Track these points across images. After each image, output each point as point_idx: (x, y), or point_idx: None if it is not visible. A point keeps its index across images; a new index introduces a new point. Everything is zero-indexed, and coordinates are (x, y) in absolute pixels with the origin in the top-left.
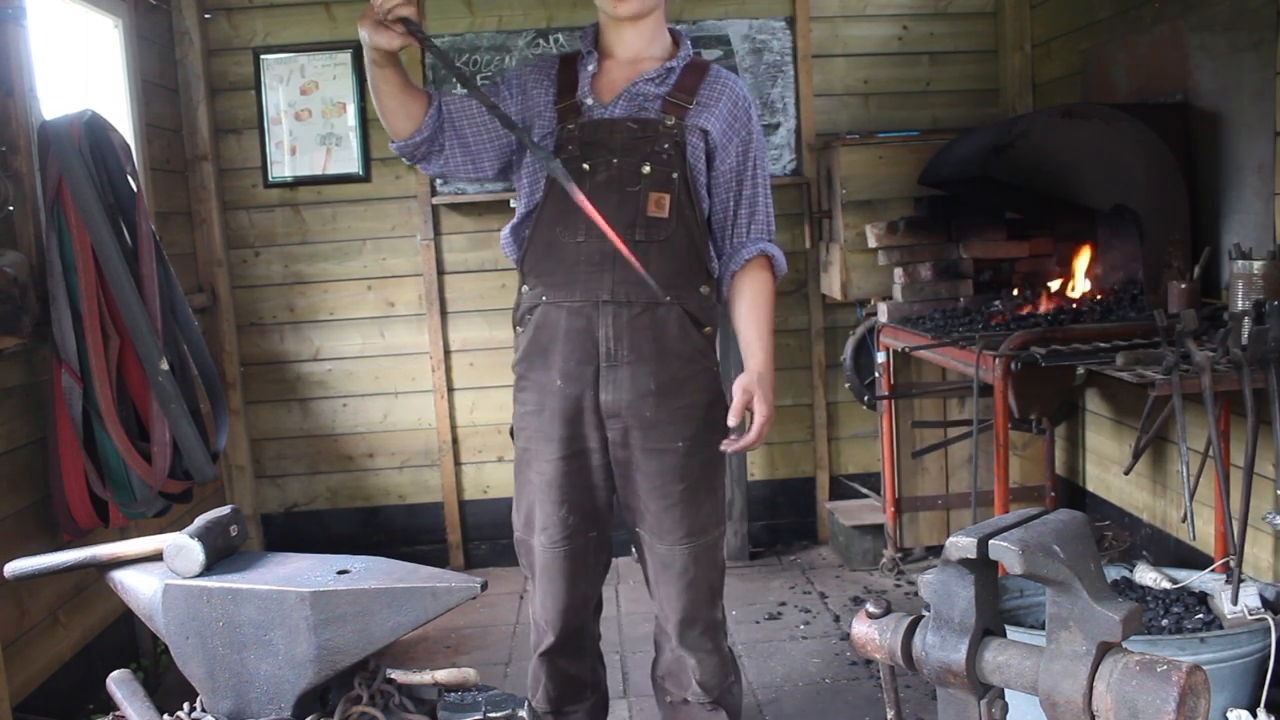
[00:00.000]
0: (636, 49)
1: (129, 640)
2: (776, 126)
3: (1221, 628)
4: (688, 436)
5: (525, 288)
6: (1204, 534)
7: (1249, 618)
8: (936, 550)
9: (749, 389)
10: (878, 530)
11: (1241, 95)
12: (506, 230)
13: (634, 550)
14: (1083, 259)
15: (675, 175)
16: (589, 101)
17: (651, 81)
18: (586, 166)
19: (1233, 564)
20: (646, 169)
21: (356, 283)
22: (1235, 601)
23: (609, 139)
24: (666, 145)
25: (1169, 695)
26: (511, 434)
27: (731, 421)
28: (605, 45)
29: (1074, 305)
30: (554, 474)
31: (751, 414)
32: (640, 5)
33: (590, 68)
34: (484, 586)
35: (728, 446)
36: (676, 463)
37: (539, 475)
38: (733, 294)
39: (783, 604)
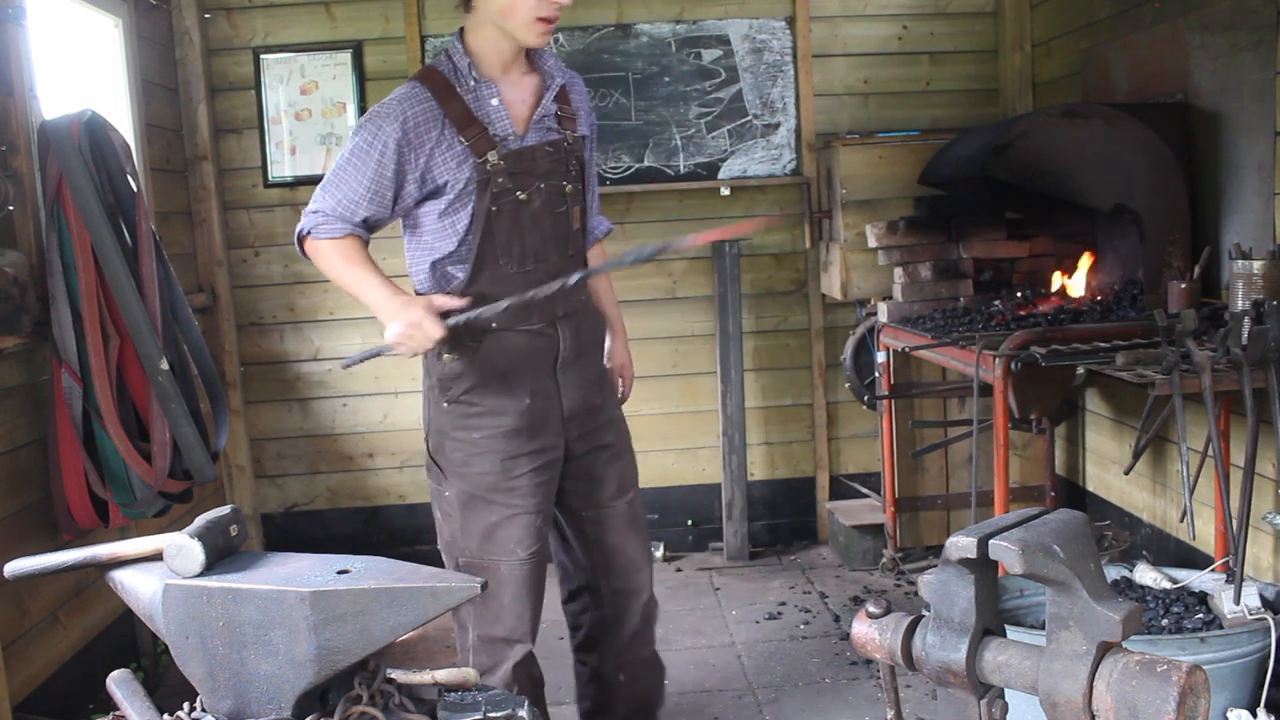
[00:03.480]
0: (515, 69)
1: (129, 640)
2: (776, 126)
3: (1221, 628)
4: (614, 402)
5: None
6: (1204, 534)
7: (1249, 618)
8: (936, 550)
9: (624, 362)
10: (878, 530)
11: (1241, 95)
12: (422, 267)
13: (577, 540)
14: (1083, 262)
15: (580, 188)
16: (509, 133)
17: (551, 103)
18: (522, 196)
19: (1233, 564)
20: (568, 188)
21: None
22: (1237, 601)
23: (534, 166)
24: (573, 161)
25: (1169, 695)
26: (434, 461)
27: (623, 395)
28: (488, 70)
29: (1074, 305)
30: (529, 487)
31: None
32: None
33: (495, 101)
34: (484, 586)
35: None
36: (621, 427)
37: (511, 494)
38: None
39: (783, 604)
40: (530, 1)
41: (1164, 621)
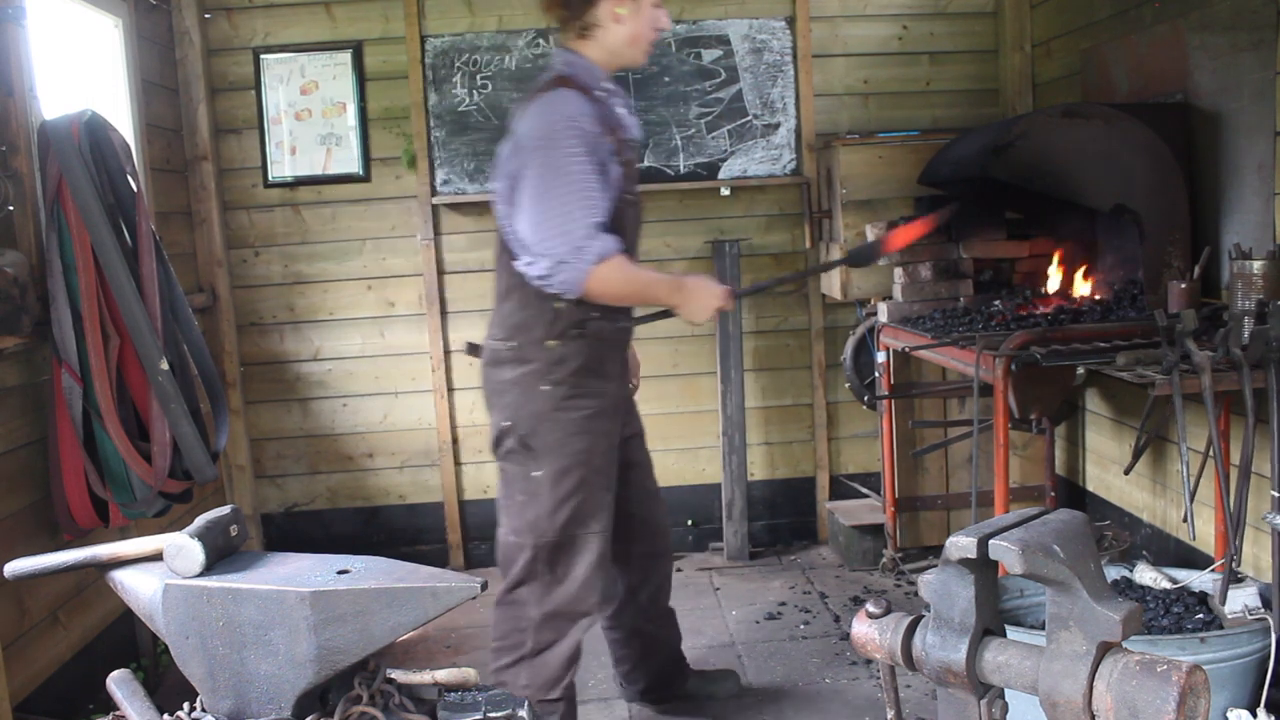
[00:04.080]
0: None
1: (129, 640)
2: (776, 126)
3: (1221, 628)
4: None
5: (561, 305)
6: (1204, 534)
7: (1249, 618)
8: (936, 550)
9: (634, 350)
10: (878, 530)
11: (1241, 95)
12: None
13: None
14: (1077, 263)
15: None
16: (631, 136)
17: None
18: (630, 196)
19: (1232, 564)
20: (639, 189)
21: (356, 283)
22: (1223, 602)
23: (636, 172)
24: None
25: (1169, 695)
26: (525, 445)
27: (634, 381)
28: (595, 80)
29: (1074, 305)
30: (609, 466)
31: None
32: None
33: (620, 110)
34: (484, 586)
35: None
36: (635, 409)
37: (598, 472)
38: None
39: (783, 604)
40: (649, 30)
41: (1164, 621)
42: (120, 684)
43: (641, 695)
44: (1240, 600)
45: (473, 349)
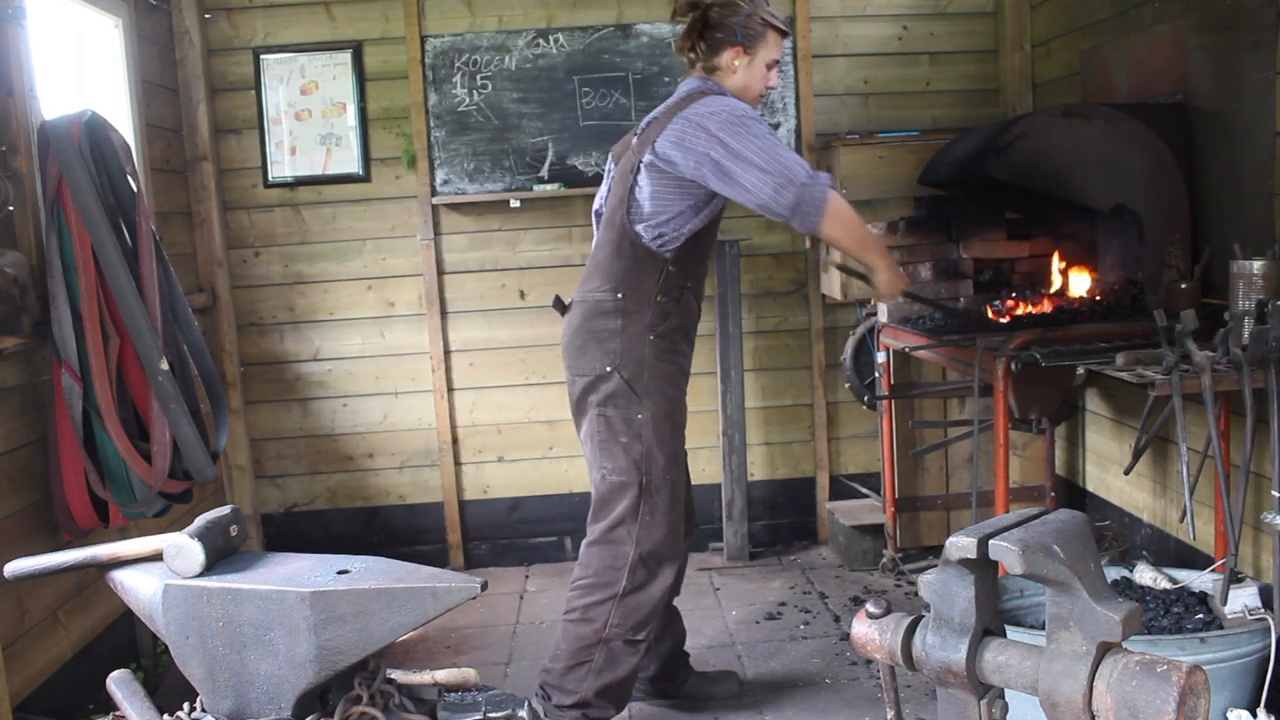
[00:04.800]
0: None
1: (129, 640)
2: (776, 127)
3: (1221, 628)
4: None
5: (673, 269)
6: (1204, 534)
7: (1249, 618)
8: (936, 550)
9: None
10: (878, 530)
11: (1241, 95)
12: (680, 226)
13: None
14: (1077, 263)
15: None
16: None
17: None
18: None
19: (1232, 564)
20: None
21: (356, 283)
22: (1224, 602)
23: None
24: None
25: (1169, 695)
26: (630, 388)
27: None
28: None
29: (1074, 305)
30: (684, 424)
31: None
32: None
33: None
34: (484, 586)
35: None
36: None
37: (681, 423)
38: None
39: (783, 604)
40: (759, 85)
41: (1164, 621)
42: (120, 684)
43: (650, 682)
44: (1240, 600)
45: (560, 304)
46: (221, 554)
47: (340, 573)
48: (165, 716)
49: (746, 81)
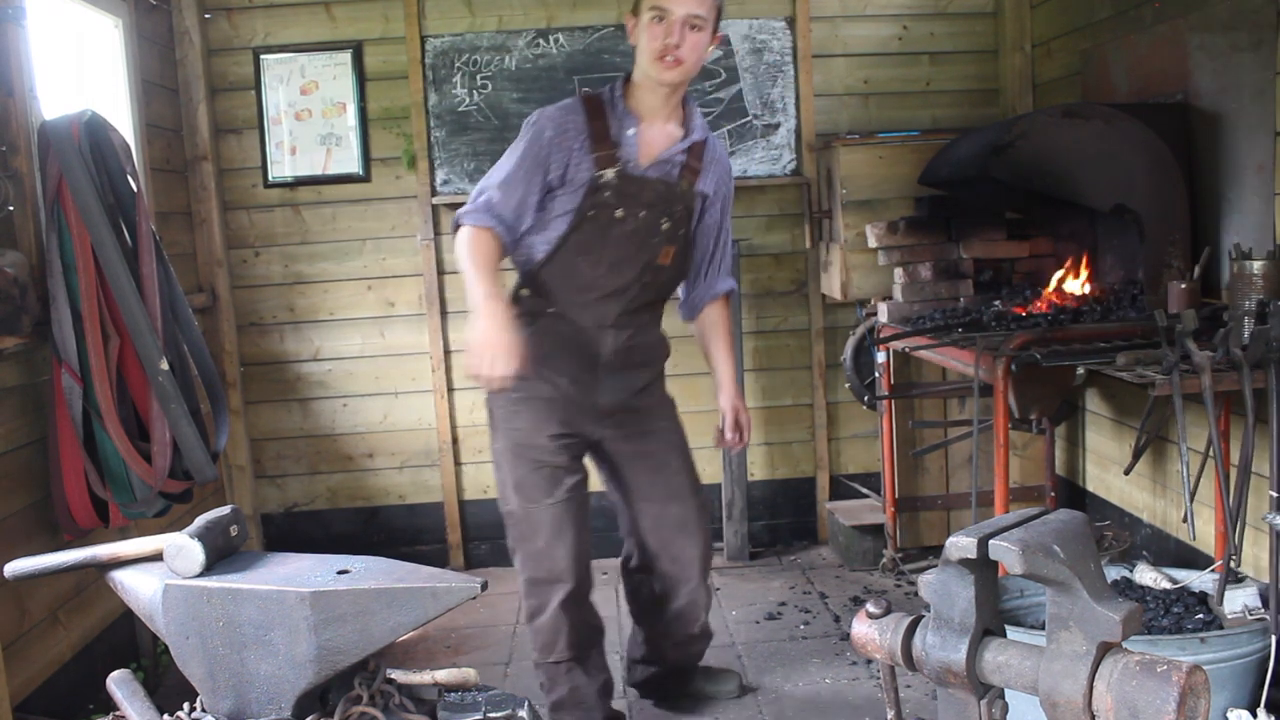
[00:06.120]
0: (661, 114)
1: (129, 640)
2: (776, 126)
3: (1221, 628)
4: (669, 417)
5: (526, 292)
6: (1204, 534)
7: (1249, 618)
8: (936, 550)
9: (735, 408)
10: (878, 530)
11: (1241, 95)
12: (531, 239)
13: (628, 541)
14: (1077, 263)
15: (682, 233)
16: (631, 159)
17: (680, 152)
18: (619, 214)
19: (1232, 564)
20: (665, 225)
21: (356, 283)
22: (1220, 602)
23: (640, 193)
24: (680, 206)
25: (1169, 695)
26: (489, 418)
27: (729, 434)
28: (635, 105)
29: (1074, 305)
30: (554, 448)
31: (737, 420)
32: (683, 75)
33: (630, 132)
34: (484, 586)
35: (732, 446)
36: (669, 439)
37: (538, 450)
38: (706, 322)
39: (783, 604)
40: (650, 45)
41: (1164, 621)
42: (120, 684)
43: (644, 682)
44: (1240, 600)
45: None
46: (221, 554)
47: (340, 573)
48: (165, 716)
49: (640, 44)
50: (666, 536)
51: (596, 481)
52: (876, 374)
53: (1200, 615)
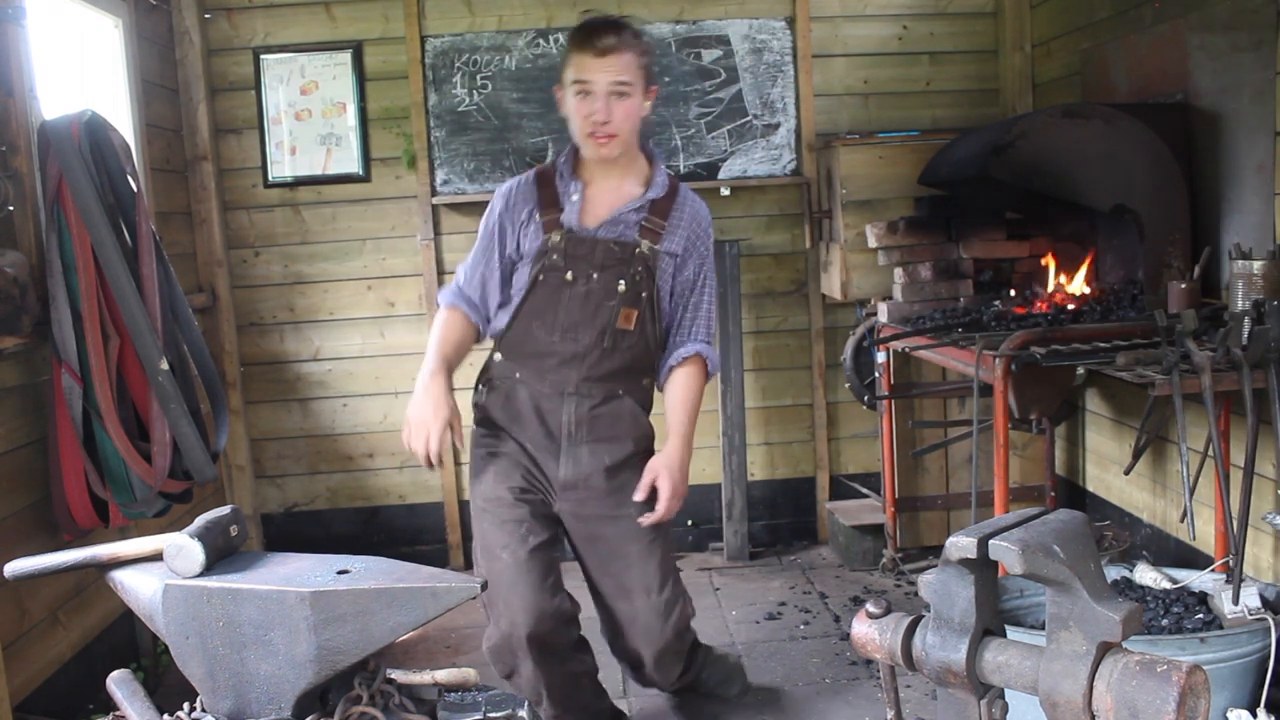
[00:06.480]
0: (614, 176)
1: (129, 640)
2: (776, 126)
3: (1221, 628)
4: (639, 506)
5: (499, 357)
6: (1204, 534)
7: (1249, 618)
8: (936, 550)
9: (655, 470)
10: (878, 530)
11: (1241, 95)
12: (501, 311)
13: (602, 615)
14: (1077, 263)
15: (644, 295)
16: (574, 223)
17: (633, 211)
18: (569, 276)
19: (1233, 564)
20: (621, 286)
21: (356, 283)
22: (1236, 601)
23: (591, 255)
24: (640, 268)
25: (1169, 695)
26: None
27: (638, 496)
28: (584, 171)
29: (1074, 305)
30: (513, 502)
31: (656, 491)
32: (621, 146)
33: (575, 197)
34: (484, 586)
35: (644, 520)
36: (628, 527)
37: (498, 504)
38: (670, 384)
39: (783, 604)
40: (573, 116)
41: (1164, 621)
42: (120, 684)
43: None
44: (1240, 600)
45: None
46: (221, 554)
47: (340, 573)
48: (165, 716)
49: (570, 119)
50: (618, 628)
51: None
52: (876, 374)
53: (1200, 615)
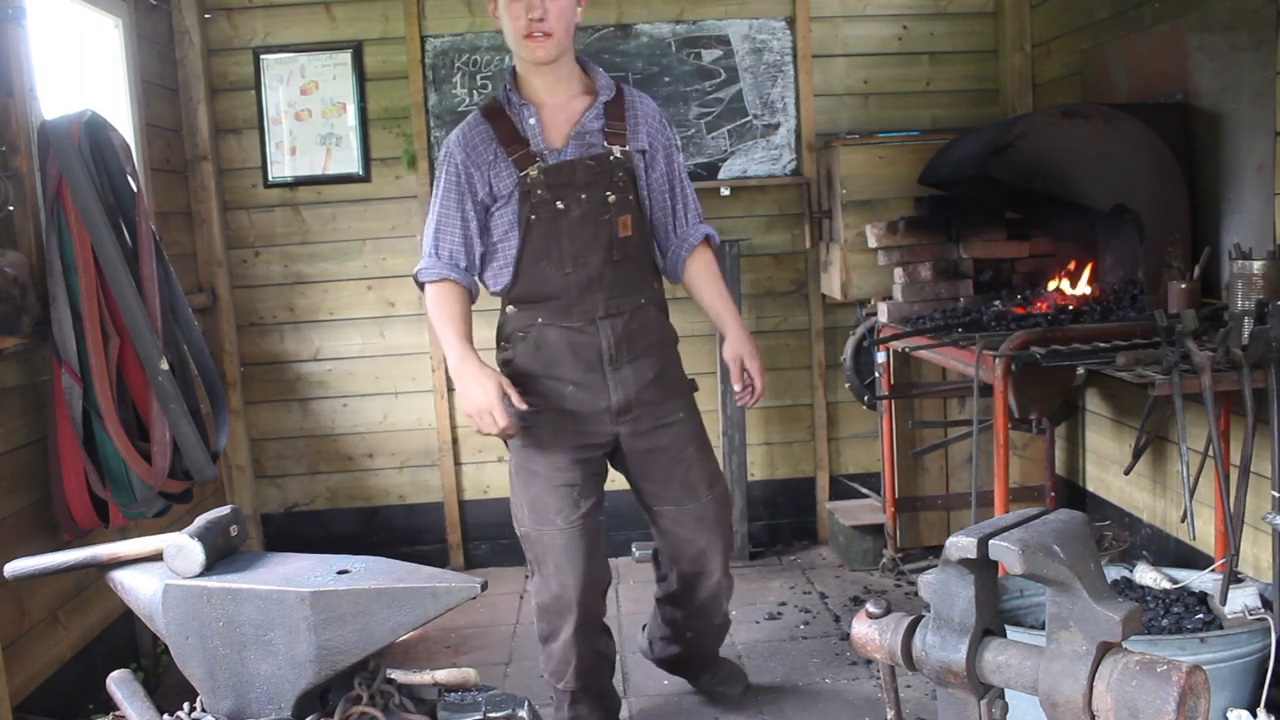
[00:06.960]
0: (560, 90)
1: (129, 640)
2: (776, 126)
3: (1221, 628)
4: (685, 406)
5: (512, 309)
6: (1204, 534)
7: (1249, 618)
8: (936, 550)
9: (738, 356)
10: (878, 530)
11: (1241, 95)
12: (487, 265)
13: (653, 530)
14: (1077, 263)
15: (631, 198)
16: (544, 149)
17: (593, 119)
18: (560, 205)
19: (1233, 564)
20: (611, 198)
21: (356, 283)
22: (1223, 602)
23: (572, 178)
24: (620, 174)
25: (1169, 695)
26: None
27: (737, 386)
28: (531, 92)
29: (1074, 305)
30: (567, 463)
31: (747, 371)
32: (557, 47)
33: (532, 120)
34: (484, 586)
35: (746, 401)
36: (683, 430)
37: (550, 467)
38: (691, 275)
39: (783, 604)
40: (507, 22)
41: (1164, 621)
42: (120, 684)
43: (664, 659)
44: (1240, 600)
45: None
46: (221, 554)
47: (340, 573)
48: (165, 716)
49: (504, 27)
50: (685, 535)
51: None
52: (876, 374)
53: (1200, 615)
